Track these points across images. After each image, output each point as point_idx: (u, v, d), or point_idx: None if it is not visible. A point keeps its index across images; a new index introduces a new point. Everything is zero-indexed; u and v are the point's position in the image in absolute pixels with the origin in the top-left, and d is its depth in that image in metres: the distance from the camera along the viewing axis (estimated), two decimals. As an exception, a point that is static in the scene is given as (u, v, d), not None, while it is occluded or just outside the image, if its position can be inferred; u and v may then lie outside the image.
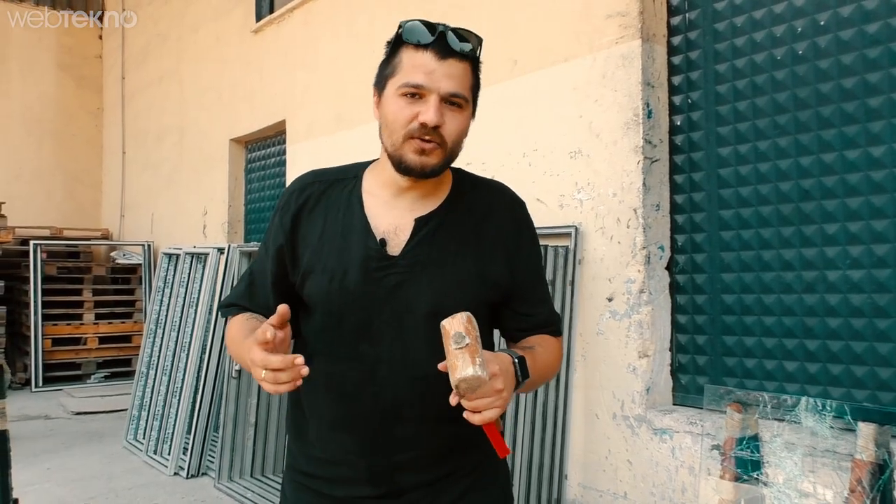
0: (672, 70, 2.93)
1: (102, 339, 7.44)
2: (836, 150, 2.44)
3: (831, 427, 1.45)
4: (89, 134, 9.43)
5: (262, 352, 1.01)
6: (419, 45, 1.13)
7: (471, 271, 1.18)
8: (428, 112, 1.11)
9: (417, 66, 1.13)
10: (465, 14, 3.77)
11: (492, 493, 1.28)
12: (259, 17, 6.03)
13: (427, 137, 1.13)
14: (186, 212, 7.06)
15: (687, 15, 2.90)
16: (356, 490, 1.20)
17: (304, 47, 5.36)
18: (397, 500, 1.19)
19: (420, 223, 1.20)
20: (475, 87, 1.19)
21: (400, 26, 1.16)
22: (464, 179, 1.29)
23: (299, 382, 1.02)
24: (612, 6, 2.95)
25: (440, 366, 1.01)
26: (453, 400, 1.00)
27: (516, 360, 1.09)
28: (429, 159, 1.14)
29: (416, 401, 1.16)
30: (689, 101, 2.87)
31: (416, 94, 1.13)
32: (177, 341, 4.74)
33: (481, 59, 1.20)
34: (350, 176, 1.28)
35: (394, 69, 1.16)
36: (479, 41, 1.17)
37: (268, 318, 1.10)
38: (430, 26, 1.14)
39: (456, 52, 1.13)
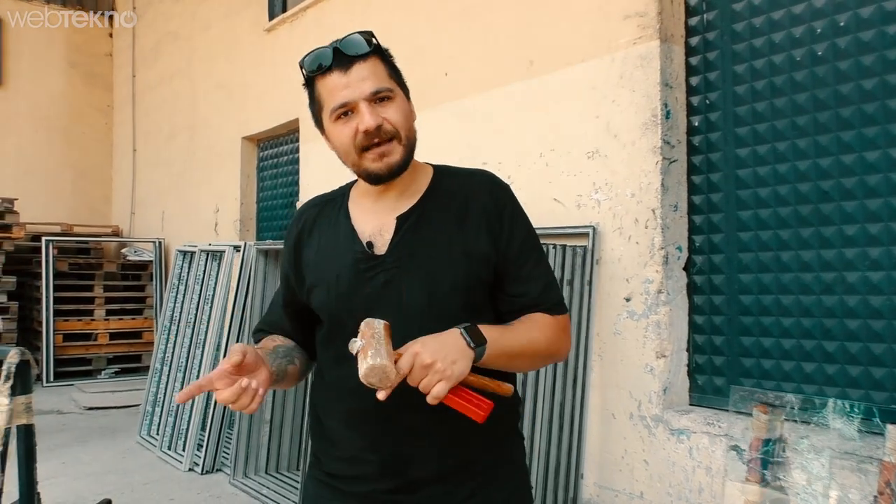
0: (690, 71, 2.93)
1: (113, 336, 7.49)
2: (856, 151, 2.44)
3: (859, 430, 1.45)
4: (99, 131, 9.45)
5: (222, 391, 1.08)
6: (324, 71, 1.21)
7: (457, 251, 1.22)
8: (363, 119, 1.18)
9: (332, 88, 1.20)
10: (481, 15, 3.78)
11: (506, 490, 1.29)
12: (272, 16, 6.04)
13: (377, 140, 1.19)
14: (198, 209, 7.08)
15: (705, 16, 2.90)
16: (372, 485, 1.24)
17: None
18: (412, 496, 1.22)
19: (401, 220, 1.25)
20: (394, 74, 1.25)
21: (301, 66, 1.24)
22: (443, 172, 1.34)
23: (259, 397, 1.09)
24: (630, 7, 2.96)
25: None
26: (380, 395, 1.05)
27: (462, 329, 1.12)
28: (390, 159, 1.21)
29: (417, 391, 1.18)
30: (707, 101, 2.88)
31: (346, 111, 1.20)
32: (191, 338, 4.76)
33: (384, 46, 1.26)
34: (339, 195, 1.37)
35: (319, 103, 1.25)
36: (371, 34, 1.23)
37: (285, 336, 1.35)
38: (323, 49, 1.22)
39: (356, 57, 1.20)
